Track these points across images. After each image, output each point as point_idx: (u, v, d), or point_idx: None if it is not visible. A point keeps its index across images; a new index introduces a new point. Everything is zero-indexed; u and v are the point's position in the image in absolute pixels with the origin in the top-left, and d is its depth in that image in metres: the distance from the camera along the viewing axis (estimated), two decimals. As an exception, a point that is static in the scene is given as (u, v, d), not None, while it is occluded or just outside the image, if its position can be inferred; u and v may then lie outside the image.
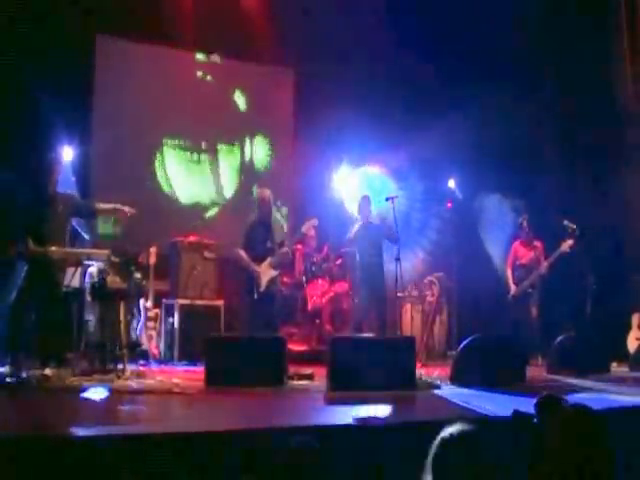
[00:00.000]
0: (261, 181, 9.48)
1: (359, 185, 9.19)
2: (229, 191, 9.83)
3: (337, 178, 9.47)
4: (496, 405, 4.61)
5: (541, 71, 9.56)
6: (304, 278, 8.73)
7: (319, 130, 9.38)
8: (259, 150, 10.08)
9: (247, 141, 10.00)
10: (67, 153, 8.13)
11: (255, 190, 8.92)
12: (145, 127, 9.18)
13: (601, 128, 9.06)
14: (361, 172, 9.46)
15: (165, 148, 9.45)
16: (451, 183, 9.75)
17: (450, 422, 2.22)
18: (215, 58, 9.54)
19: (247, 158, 9.99)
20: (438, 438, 2.15)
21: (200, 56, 9.69)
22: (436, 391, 5.51)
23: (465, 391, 5.49)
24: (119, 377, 5.72)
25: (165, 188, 9.41)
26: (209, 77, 9.79)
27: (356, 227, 7.63)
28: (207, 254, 7.80)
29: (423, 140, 9.03)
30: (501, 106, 9.00)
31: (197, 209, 9.58)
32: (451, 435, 2.14)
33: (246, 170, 9.94)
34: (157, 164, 9.40)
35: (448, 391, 5.54)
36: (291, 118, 10.14)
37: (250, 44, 9.37)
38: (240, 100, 9.95)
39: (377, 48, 9.32)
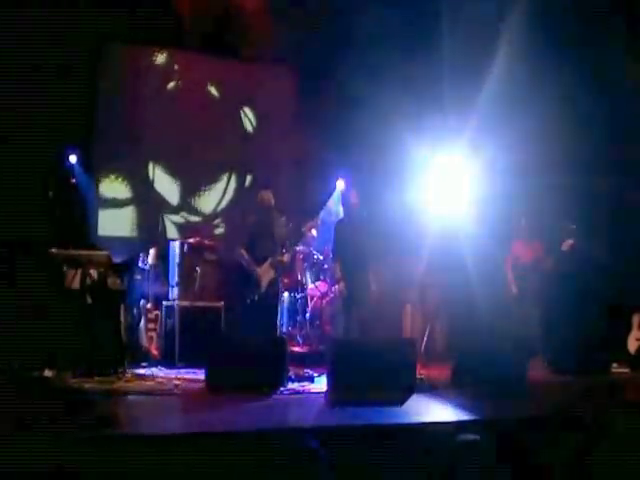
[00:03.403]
0: (262, 182, 9.51)
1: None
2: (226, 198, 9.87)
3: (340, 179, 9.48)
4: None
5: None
6: (305, 279, 8.73)
7: (321, 131, 9.38)
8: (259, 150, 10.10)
9: (247, 142, 10.01)
10: (72, 157, 8.23)
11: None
12: (145, 131, 9.23)
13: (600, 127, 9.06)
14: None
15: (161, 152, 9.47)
16: None
17: (450, 424, 2.22)
18: None
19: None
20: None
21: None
22: (436, 393, 5.50)
23: (465, 393, 5.50)
24: (120, 378, 5.73)
25: (162, 192, 9.44)
26: (210, 77, 9.81)
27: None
28: (208, 256, 7.80)
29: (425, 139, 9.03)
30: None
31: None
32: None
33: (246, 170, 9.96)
34: (153, 167, 9.43)
35: (448, 393, 5.54)
36: (291, 119, 10.14)
37: (250, 44, 9.38)
38: (241, 103, 9.97)
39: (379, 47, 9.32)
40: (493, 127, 8.56)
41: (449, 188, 9.27)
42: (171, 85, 9.47)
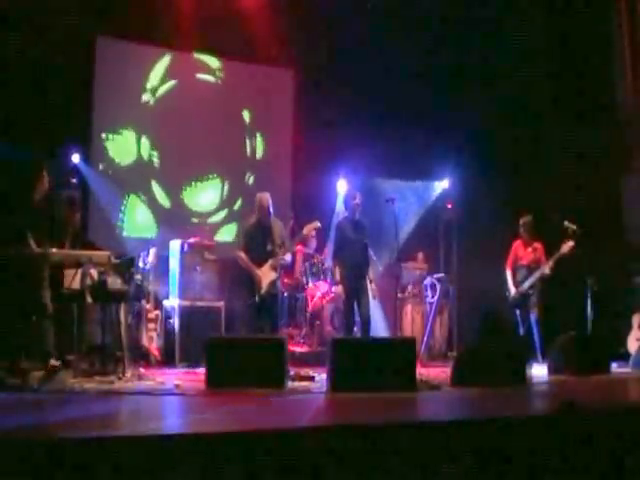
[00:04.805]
0: (261, 181, 9.57)
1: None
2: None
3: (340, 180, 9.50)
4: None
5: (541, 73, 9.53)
6: (305, 279, 8.74)
7: (321, 132, 9.39)
8: (260, 151, 10.13)
9: (247, 143, 10.03)
10: (75, 157, 8.27)
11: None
12: (144, 130, 9.25)
13: (600, 129, 9.08)
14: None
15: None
16: (445, 183, 9.78)
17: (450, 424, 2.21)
18: None
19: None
20: None
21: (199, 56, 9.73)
22: (436, 392, 5.50)
23: (466, 392, 5.49)
24: (120, 379, 5.72)
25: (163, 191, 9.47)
26: (211, 78, 9.81)
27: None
28: (207, 255, 7.80)
29: (424, 139, 9.05)
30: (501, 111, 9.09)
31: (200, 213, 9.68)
32: None
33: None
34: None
35: (448, 393, 5.54)
36: (292, 119, 10.15)
37: (250, 45, 9.38)
38: (241, 103, 9.97)
39: (379, 48, 9.34)
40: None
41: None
42: (170, 84, 9.49)
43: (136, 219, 9.29)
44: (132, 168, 9.28)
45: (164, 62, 9.49)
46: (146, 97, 9.34)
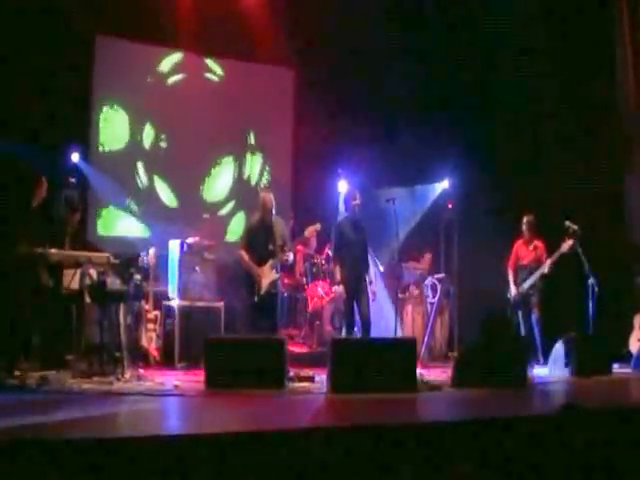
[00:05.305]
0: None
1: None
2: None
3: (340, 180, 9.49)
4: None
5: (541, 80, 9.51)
6: (305, 280, 8.72)
7: (321, 132, 9.38)
8: (258, 152, 10.13)
9: (247, 138, 10.04)
10: (74, 156, 8.28)
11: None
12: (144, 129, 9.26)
13: (601, 129, 9.08)
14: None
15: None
16: (445, 184, 9.77)
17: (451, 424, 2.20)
18: None
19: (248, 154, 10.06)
20: None
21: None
22: (437, 393, 5.48)
23: (466, 393, 5.48)
24: (119, 379, 5.71)
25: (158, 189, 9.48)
26: (211, 77, 9.81)
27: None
28: (207, 255, 7.78)
29: (424, 139, 9.04)
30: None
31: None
32: None
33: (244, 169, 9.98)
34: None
35: (449, 393, 5.53)
36: (292, 119, 10.15)
37: (251, 44, 9.38)
38: (242, 102, 9.96)
39: (379, 49, 9.34)
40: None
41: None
42: (170, 82, 9.50)
43: (134, 219, 9.27)
44: (131, 162, 9.27)
45: (163, 62, 9.49)
46: (145, 94, 9.34)
